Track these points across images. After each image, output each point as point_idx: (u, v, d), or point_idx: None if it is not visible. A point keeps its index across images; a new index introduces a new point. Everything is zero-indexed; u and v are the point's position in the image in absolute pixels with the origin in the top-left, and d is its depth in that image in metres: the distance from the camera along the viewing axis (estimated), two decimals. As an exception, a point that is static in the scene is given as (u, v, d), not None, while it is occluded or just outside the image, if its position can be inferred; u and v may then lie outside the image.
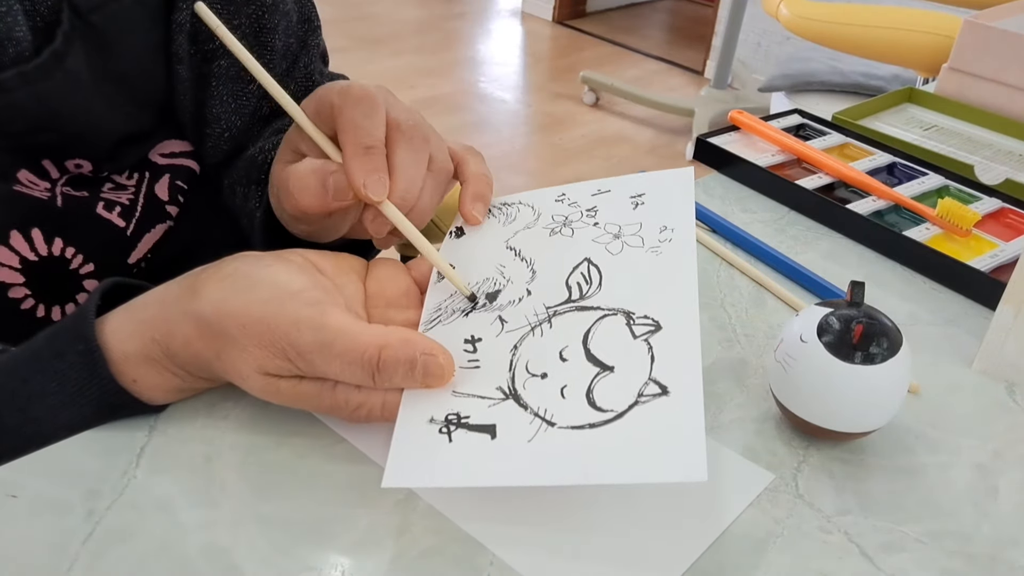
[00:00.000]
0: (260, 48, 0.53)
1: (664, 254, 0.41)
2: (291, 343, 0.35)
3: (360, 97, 0.41)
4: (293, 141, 0.44)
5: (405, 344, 0.35)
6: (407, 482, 0.34)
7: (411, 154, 0.42)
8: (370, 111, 0.41)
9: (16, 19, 0.41)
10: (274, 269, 0.37)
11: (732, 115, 0.72)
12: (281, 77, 0.55)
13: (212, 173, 0.59)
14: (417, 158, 0.42)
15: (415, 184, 0.42)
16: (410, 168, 0.41)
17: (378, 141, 0.40)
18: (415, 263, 0.44)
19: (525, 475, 0.33)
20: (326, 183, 0.41)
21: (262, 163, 0.53)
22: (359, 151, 0.40)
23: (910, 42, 1.54)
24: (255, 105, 0.55)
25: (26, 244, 0.48)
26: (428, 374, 0.35)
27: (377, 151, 0.40)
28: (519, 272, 0.42)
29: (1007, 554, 0.36)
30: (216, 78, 0.53)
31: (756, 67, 3.05)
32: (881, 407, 0.38)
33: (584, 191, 0.47)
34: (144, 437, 0.38)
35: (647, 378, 0.35)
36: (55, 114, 0.45)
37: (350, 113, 0.40)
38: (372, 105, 0.41)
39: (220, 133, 0.54)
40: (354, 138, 0.40)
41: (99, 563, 0.32)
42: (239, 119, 0.55)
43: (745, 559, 0.35)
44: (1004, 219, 0.62)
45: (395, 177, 0.41)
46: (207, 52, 0.52)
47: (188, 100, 0.53)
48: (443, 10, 3.78)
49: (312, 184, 0.41)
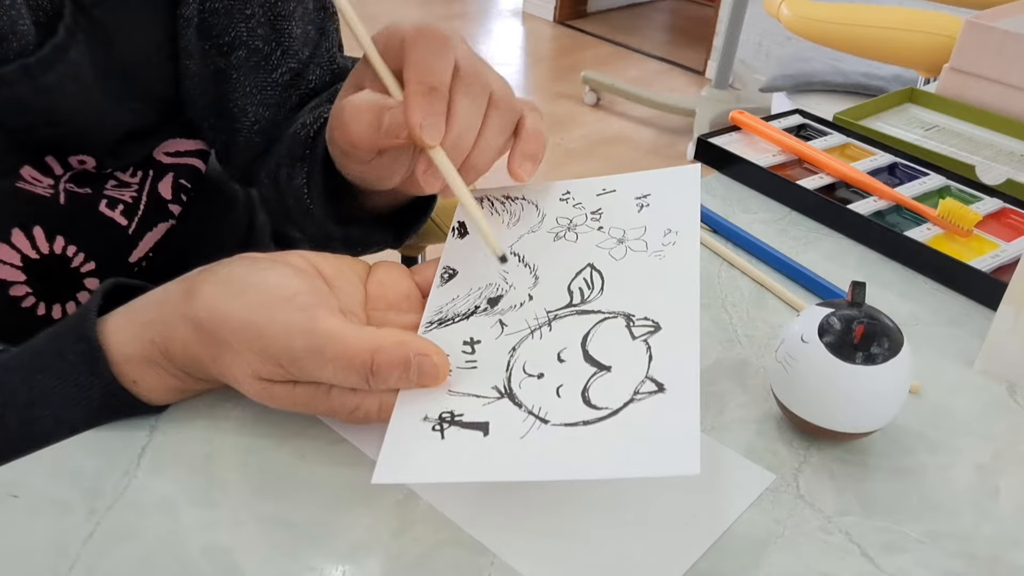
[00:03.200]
0: (277, 35, 0.52)
1: (667, 257, 0.41)
2: (282, 349, 0.34)
3: (433, 36, 0.39)
4: (358, 76, 0.43)
5: (398, 346, 0.35)
6: (397, 478, 0.34)
7: (470, 101, 0.40)
8: (441, 51, 0.39)
9: (20, 12, 0.41)
10: (267, 273, 0.37)
11: (733, 115, 0.72)
12: (304, 64, 0.54)
13: (242, 170, 0.58)
14: (476, 107, 0.40)
15: (470, 132, 0.40)
16: (467, 116, 0.40)
17: (443, 83, 0.39)
18: (419, 268, 0.43)
19: (516, 470, 0.33)
20: (381, 117, 0.40)
21: (304, 137, 0.51)
22: (423, 89, 0.39)
23: (911, 42, 1.54)
24: (280, 95, 0.54)
25: (27, 242, 0.48)
26: (423, 374, 0.35)
27: (440, 94, 0.39)
28: (522, 278, 0.42)
29: (1008, 554, 0.36)
30: (236, 70, 0.52)
31: (757, 67, 3.04)
32: (882, 407, 0.38)
33: (589, 190, 0.46)
34: (145, 437, 0.38)
35: (644, 376, 0.35)
36: (57, 108, 0.45)
37: (421, 51, 0.39)
38: (444, 45, 0.39)
39: (250, 126, 0.54)
40: (419, 76, 0.39)
41: (100, 563, 0.32)
42: (266, 110, 0.54)
43: (746, 559, 0.35)
44: (1005, 219, 0.62)
45: (451, 123, 0.39)
46: (222, 46, 0.51)
47: (202, 95, 0.53)
48: (444, 10, 3.78)
49: (367, 117, 0.40)
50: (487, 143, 0.41)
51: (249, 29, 0.51)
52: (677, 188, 0.45)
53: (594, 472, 0.33)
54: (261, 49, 0.52)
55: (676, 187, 0.45)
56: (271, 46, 0.52)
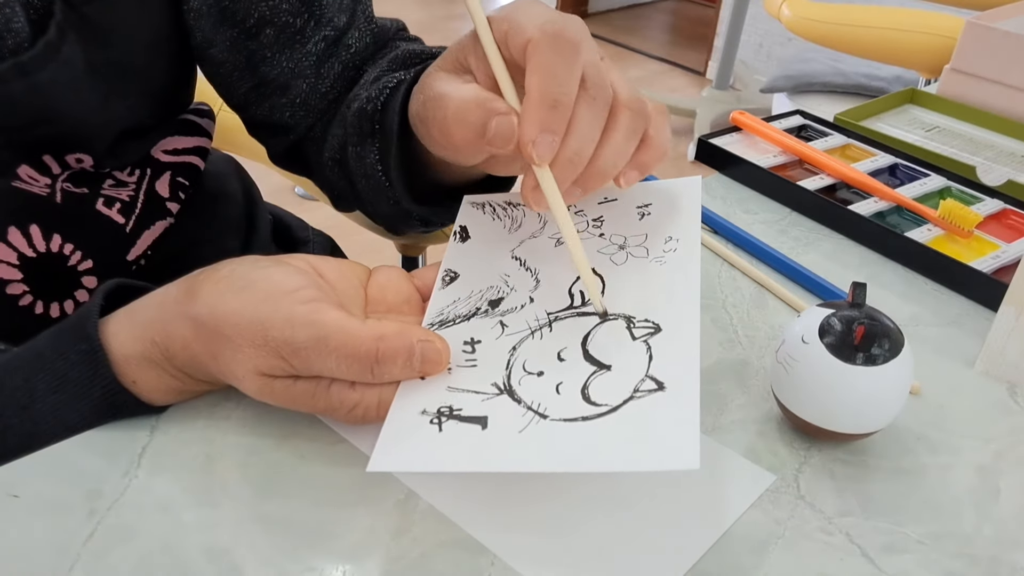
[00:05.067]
0: (307, 6, 0.51)
1: (668, 263, 0.41)
2: (286, 341, 0.34)
3: (564, 41, 0.35)
4: (463, 49, 0.40)
5: (401, 334, 0.35)
6: (393, 466, 0.34)
7: (592, 115, 0.36)
8: (571, 59, 0.35)
9: (14, 10, 0.41)
10: (270, 271, 0.37)
11: (734, 116, 0.72)
12: (342, 31, 0.53)
13: (289, 150, 0.57)
14: (597, 120, 0.37)
15: (588, 147, 0.37)
16: (587, 129, 0.36)
17: (569, 97, 0.35)
18: (419, 272, 0.43)
19: (514, 462, 0.33)
20: (488, 123, 0.36)
21: (372, 112, 0.49)
22: (546, 103, 0.35)
23: (912, 43, 1.54)
24: (318, 65, 0.53)
25: (24, 240, 0.48)
26: (426, 361, 0.35)
27: (563, 109, 0.35)
28: (523, 281, 0.42)
29: (1008, 555, 0.36)
30: (269, 49, 0.51)
31: (758, 68, 3.04)
32: (882, 408, 0.38)
33: (591, 198, 0.47)
34: (146, 437, 0.38)
35: (644, 375, 0.35)
36: (52, 107, 0.44)
37: (549, 57, 0.35)
38: (575, 53, 0.36)
39: (293, 101, 0.53)
40: (544, 86, 0.35)
41: (100, 563, 0.32)
42: (305, 82, 0.53)
43: (746, 560, 0.34)
44: (1006, 220, 0.61)
45: (567, 140, 0.36)
46: (249, 28, 0.51)
47: (241, 82, 0.52)
48: (444, 11, 3.78)
49: (473, 119, 0.37)
50: (613, 149, 0.38)
51: (272, 6, 0.50)
52: (679, 199, 0.45)
53: (593, 465, 0.33)
54: (292, 24, 0.51)
55: (678, 198, 0.45)
56: (303, 19, 0.51)
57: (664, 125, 0.41)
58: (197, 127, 0.58)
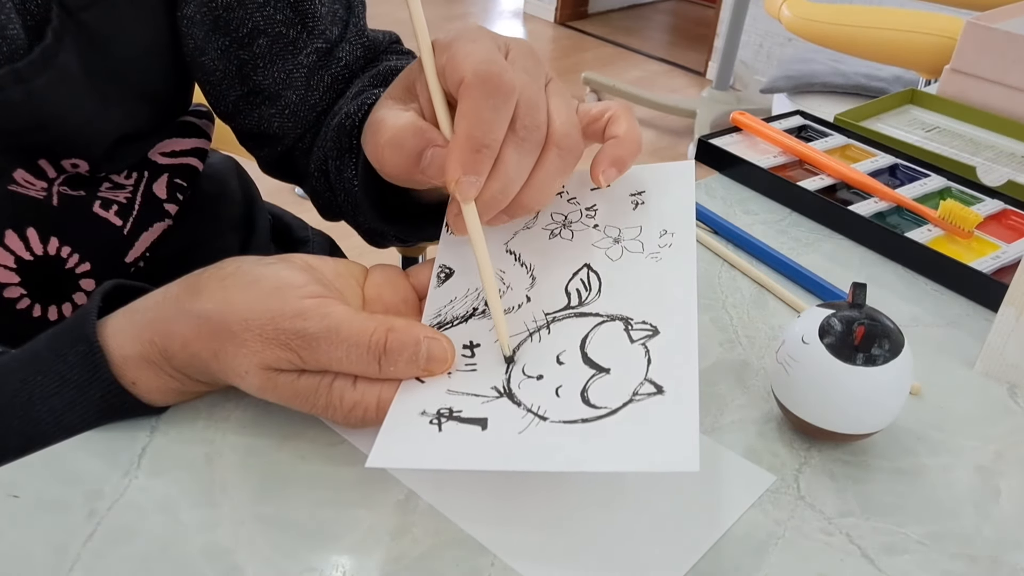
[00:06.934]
0: (301, 17, 0.51)
1: (664, 260, 0.41)
2: (297, 331, 0.35)
3: (495, 87, 0.36)
4: (411, 75, 0.41)
5: (409, 327, 0.36)
6: (392, 463, 0.35)
7: (520, 156, 0.37)
8: (501, 106, 0.36)
9: (10, 17, 0.41)
10: (276, 267, 0.38)
11: (734, 116, 0.72)
12: (333, 43, 0.53)
13: (280, 159, 0.57)
14: (526, 160, 0.38)
15: (513, 185, 0.38)
16: (513, 170, 0.37)
17: (494, 142, 0.36)
18: (415, 270, 0.43)
19: (514, 461, 0.33)
20: (423, 152, 0.38)
21: (350, 128, 0.50)
22: (471, 147, 0.36)
23: (912, 43, 1.54)
24: (309, 76, 0.53)
25: (21, 243, 0.48)
26: (431, 358, 0.36)
27: (489, 153, 0.36)
28: (519, 278, 0.42)
29: (1009, 556, 0.36)
30: (261, 59, 0.52)
31: (758, 68, 3.04)
32: (882, 409, 0.38)
33: (583, 184, 0.46)
34: (146, 438, 0.38)
35: (643, 378, 0.35)
36: (48, 112, 0.44)
37: (478, 101, 0.36)
38: (505, 100, 0.36)
39: (282, 109, 0.54)
40: (469, 131, 0.36)
41: (100, 563, 0.32)
42: (295, 93, 0.53)
43: (746, 560, 0.34)
44: (1006, 221, 0.61)
45: (492, 179, 0.37)
46: (242, 38, 0.51)
47: (231, 90, 0.53)
48: (444, 11, 3.78)
49: (409, 146, 0.38)
50: (539, 188, 0.39)
51: (266, 16, 0.50)
52: (671, 185, 0.44)
53: (592, 465, 0.33)
54: (285, 34, 0.51)
55: (670, 184, 0.45)
56: (296, 29, 0.51)
57: (632, 120, 0.42)
58: (195, 128, 0.58)
